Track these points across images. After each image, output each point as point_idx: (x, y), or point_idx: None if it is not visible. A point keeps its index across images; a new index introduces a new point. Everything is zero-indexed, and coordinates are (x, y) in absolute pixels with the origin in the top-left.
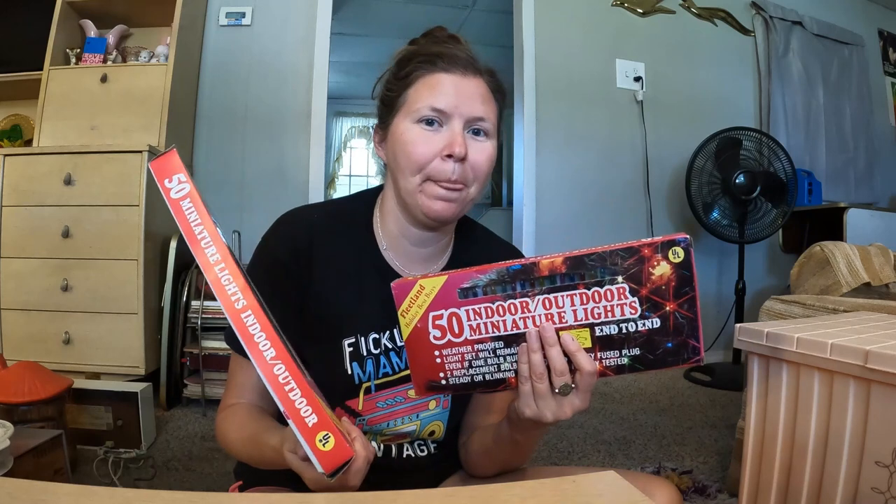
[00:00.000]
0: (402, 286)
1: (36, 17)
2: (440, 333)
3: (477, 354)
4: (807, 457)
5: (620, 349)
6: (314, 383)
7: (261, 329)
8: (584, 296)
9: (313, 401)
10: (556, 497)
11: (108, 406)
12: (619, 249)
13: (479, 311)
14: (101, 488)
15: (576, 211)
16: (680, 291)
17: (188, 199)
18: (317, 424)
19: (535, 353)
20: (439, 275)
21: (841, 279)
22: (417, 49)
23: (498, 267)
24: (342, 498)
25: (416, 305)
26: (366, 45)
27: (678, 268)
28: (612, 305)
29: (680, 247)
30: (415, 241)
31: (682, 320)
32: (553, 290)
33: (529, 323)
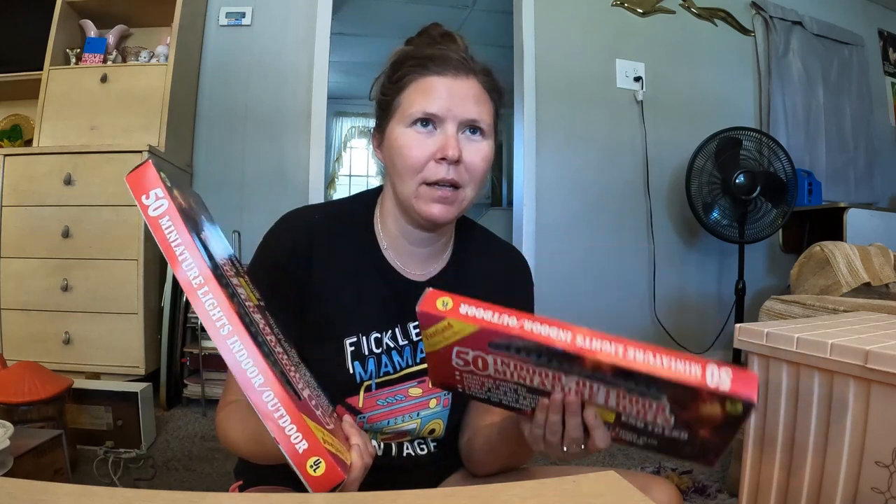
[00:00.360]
0: (429, 316)
1: (36, 17)
2: (463, 363)
3: (497, 386)
4: (807, 457)
5: (639, 435)
6: (312, 383)
7: (248, 356)
8: (622, 395)
9: (303, 426)
10: (556, 497)
11: (108, 406)
12: (677, 383)
13: (508, 363)
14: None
15: (576, 211)
16: (720, 430)
17: (167, 216)
18: (307, 450)
19: (556, 414)
20: (472, 320)
21: (841, 279)
22: (410, 52)
23: (538, 339)
24: (342, 498)
25: (441, 336)
26: (366, 45)
27: (729, 415)
28: (647, 412)
29: (742, 404)
30: (414, 242)
31: (710, 442)
32: (591, 378)
33: (558, 388)
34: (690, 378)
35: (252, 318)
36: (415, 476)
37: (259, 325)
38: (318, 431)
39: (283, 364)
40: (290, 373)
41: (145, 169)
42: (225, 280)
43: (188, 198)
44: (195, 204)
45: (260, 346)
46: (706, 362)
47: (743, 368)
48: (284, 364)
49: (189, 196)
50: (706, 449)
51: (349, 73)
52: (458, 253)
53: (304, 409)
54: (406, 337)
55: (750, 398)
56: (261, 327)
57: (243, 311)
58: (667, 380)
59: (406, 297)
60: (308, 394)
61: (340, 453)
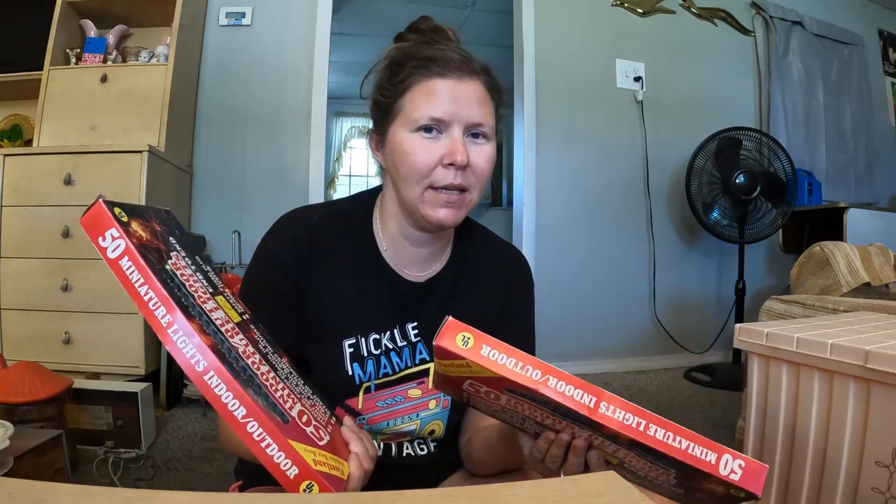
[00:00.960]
0: (447, 353)
1: (36, 17)
2: (474, 391)
3: (504, 412)
4: (807, 457)
5: (636, 475)
6: (307, 391)
7: (227, 389)
8: (632, 455)
9: (291, 452)
10: (556, 497)
11: (108, 406)
12: (689, 467)
13: (522, 404)
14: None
15: (576, 211)
16: (719, 501)
17: (125, 257)
18: (298, 476)
19: (559, 450)
20: (493, 366)
21: (841, 279)
22: (410, 52)
23: (560, 401)
24: (343, 498)
25: (456, 369)
26: (366, 45)
27: (731, 496)
28: (653, 469)
29: (745, 493)
30: (415, 243)
31: (704, 501)
32: (606, 437)
33: (567, 431)
34: (704, 464)
35: (230, 343)
36: (415, 476)
37: (240, 347)
38: (307, 454)
39: (267, 386)
40: (277, 393)
41: (97, 210)
42: (196, 311)
43: (151, 223)
44: (162, 226)
45: (238, 376)
46: (722, 452)
47: (755, 462)
48: (269, 385)
49: (153, 219)
50: (700, 502)
51: (349, 73)
52: (458, 253)
53: (293, 431)
54: (405, 338)
55: (755, 493)
56: (241, 351)
57: (220, 339)
58: (680, 463)
59: (405, 298)
60: (299, 409)
61: (335, 469)
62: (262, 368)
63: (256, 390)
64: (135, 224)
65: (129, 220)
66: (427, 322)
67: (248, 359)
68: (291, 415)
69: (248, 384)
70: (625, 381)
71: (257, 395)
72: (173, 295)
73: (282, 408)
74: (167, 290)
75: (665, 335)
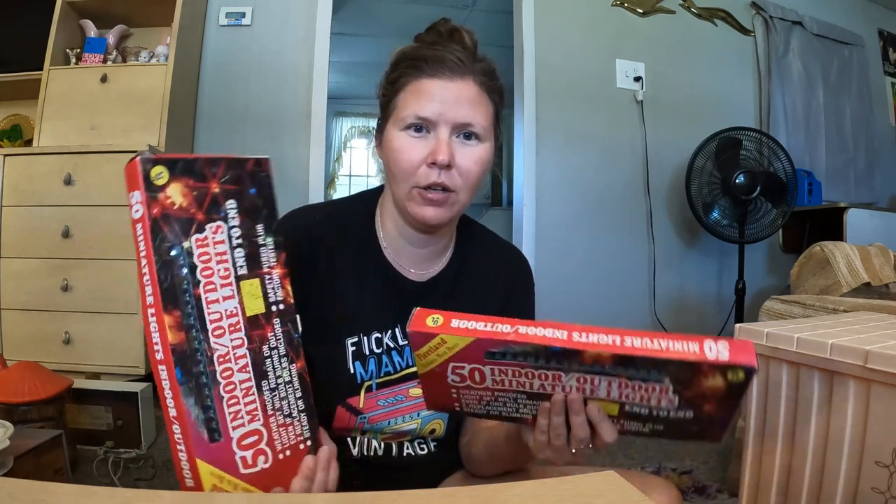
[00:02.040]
0: (420, 335)
1: (36, 17)
2: (459, 379)
3: (496, 398)
4: (807, 457)
5: (645, 423)
6: (295, 407)
7: (168, 388)
8: (623, 384)
9: (194, 468)
10: (556, 497)
11: (108, 406)
12: (678, 361)
13: (506, 371)
14: (101, 488)
15: (576, 211)
16: (724, 399)
17: (139, 224)
18: (191, 488)
19: (558, 416)
20: (466, 332)
21: (841, 279)
22: (407, 52)
23: (535, 341)
24: (342, 498)
25: (435, 354)
26: (366, 45)
27: (732, 385)
28: (650, 396)
29: (743, 370)
30: (413, 242)
31: (717, 416)
32: (591, 372)
33: (558, 389)
34: (689, 355)
35: (208, 344)
36: (415, 476)
37: (221, 350)
38: (209, 477)
39: (222, 399)
40: (233, 408)
41: (131, 168)
42: (185, 301)
43: (208, 183)
44: (226, 185)
45: (187, 381)
46: (703, 338)
47: (738, 340)
48: (228, 398)
49: (216, 177)
50: (712, 423)
51: (349, 73)
52: (459, 252)
53: (212, 451)
54: (406, 337)
55: (750, 364)
56: (219, 354)
57: (194, 338)
58: (667, 360)
59: (407, 297)
60: (251, 430)
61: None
62: (236, 378)
63: (199, 400)
64: (174, 187)
65: (170, 181)
66: None
67: (222, 365)
68: (230, 434)
69: (192, 392)
70: None
71: (195, 406)
72: (163, 281)
73: (222, 425)
74: (161, 273)
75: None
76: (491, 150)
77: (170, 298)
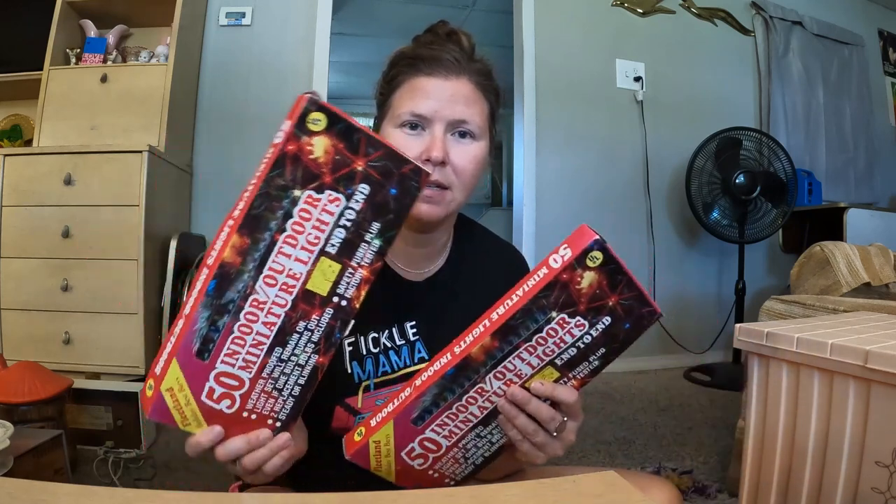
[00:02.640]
0: (359, 454)
1: (36, 17)
2: (423, 461)
3: (465, 448)
4: (807, 457)
5: (587, 359)
6: (291, 388)
7: (196, 292)
8: (529, 348)
9: (165, 364)
10: (556, 497)
11: (108, 406)
12: (539, 293)
13: (443, 423)
14: (101, 488)
15: (576, 211)
16: (614, 283)
17: (268, 155)
18: (149, 375)
19: (517, 417)
20: (383, 420)
21: (841, 279)
22: (404, 51)
23: (433, 381)
24: (342, 498)
25: (384, 458)
26: (366, 45)
27: (602, 267)
28: (560, 337)
29: (595, 251)
30: (410, 242)
31: (629, 302)
32: (497, 362)
33: (494, 399)
34: (544, 279)
35: (256, 283)
36: None
37: (264, 295)
38: (173, 381)
39: (234, 334)
40: (236, 344)
41: (299, 99)
42: (262, 232)
43: (355, 157)
44: (370, 170)
45: (217, 291)
46: (547, 257)
47: (575, 232)
48: (239, 332)
49: (365, 156)
50: (632, 310)
51: (349, 73)
52: (456, 252)
53: (193, 367)
54: (403, 337)
55: (592, 240)
56: (266, 300)
57: (243, 267)
58: (532, 298)
59: (404, 297)
60: (234, 373)
61: (180, 412)
62: (256, 326)
63: (211, 318)
64: (322, 139)
65: (322, 132)
66: (426, 321)
67: (252, 308)
68: (216, 364)
69: (210, 308)
70: (625, 381)
71: (205, 320)
72: (255, 207)
73: (215, 351)
74: (257, 199)
75: (665, 335)
76: (486, 149)
77: (249, 224)
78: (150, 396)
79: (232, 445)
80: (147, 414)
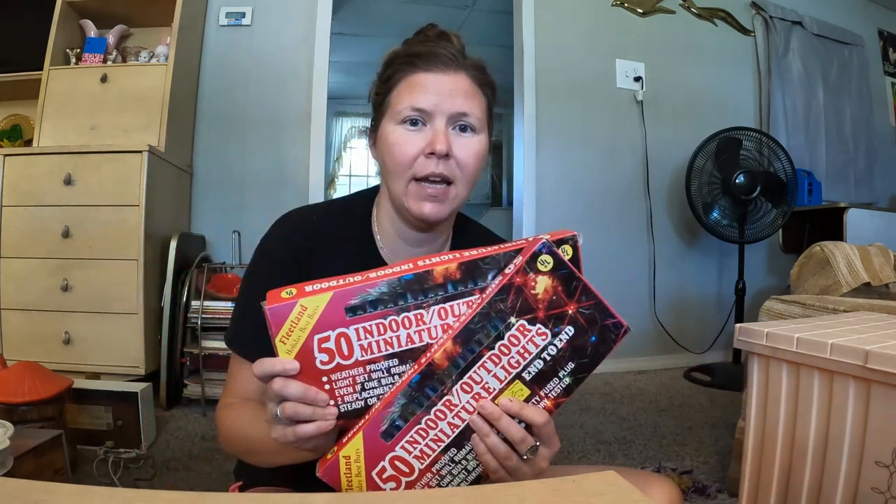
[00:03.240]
0: (328, 471)
1: (36, 17)
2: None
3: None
4: (807, 457)
5: (556, 374)
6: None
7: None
8: (493, 357)
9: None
10: (556, 497)
11: (108, 406)
12: (495, 296)
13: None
14: (101, 488)
15: (576, 211)
16: (570, 289)
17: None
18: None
19: (488, 435)
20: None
21: (841, 279)
22: (399, 51)
23: (399, 390)
24: (342, 498)
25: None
26: (366, 45)
27: (555, 271)
28: (523, 346)
29: (544, 254)
30: (410, 241)
31: (589, 311)
32: (462, 371)
33: (464, 415)
34: (499, 282)
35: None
36: None
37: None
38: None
39: (420, 423)
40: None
41: (534, 241)
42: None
43: (570, 301)
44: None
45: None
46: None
47: (531, 241)
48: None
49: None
50: (595, 321)
51: (349, 73)
52: None
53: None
54: None
55: (540, 244)
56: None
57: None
58: (489, 302)
59: None
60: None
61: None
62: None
63: (405, 408)
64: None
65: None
66: None
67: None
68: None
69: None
70: (625, 381)
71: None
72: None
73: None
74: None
75: (665, 335)
76: (486, 144)
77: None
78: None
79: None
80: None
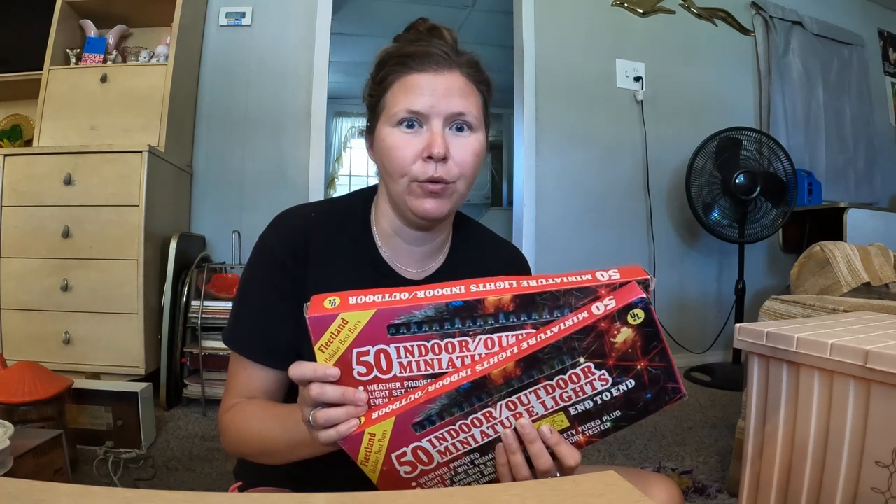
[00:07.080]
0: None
1: (36, 17)
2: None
3: (455, 472)
4: (807, 457)
5: (600, 417)
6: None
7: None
8: (548, 387)
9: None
10: (556, 497)
11: (108, 406)
12: (573, 334)
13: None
14: (100, 488)
15: (576, 211)
16: (648, 348)
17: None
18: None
19: (515, 453)
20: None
21: (841, 279)
22: (391, 51)
23: (446, 391)
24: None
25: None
26: (366, 45)
27: (641, 328)
28: (581, 385)
29: (638, 308)
30: (409, 240)
31: (657, 371)
32: (513, 391)
33: (499, 428)
34: (582, 322)
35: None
36: None
37: (498, 417)
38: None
39: (455, 423)
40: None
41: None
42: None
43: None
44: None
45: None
46: (589, 304)
47: (626, 281)
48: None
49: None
50: (658, 381)
51: (349, 73)
52: (455, 251)
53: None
54: None
55: (638, 297)
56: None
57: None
58: (565, 338)
59: None
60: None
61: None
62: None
63: (449, 405)
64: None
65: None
66: None
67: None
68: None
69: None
70: None
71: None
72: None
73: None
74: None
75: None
76: (484, 141)
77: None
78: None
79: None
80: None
